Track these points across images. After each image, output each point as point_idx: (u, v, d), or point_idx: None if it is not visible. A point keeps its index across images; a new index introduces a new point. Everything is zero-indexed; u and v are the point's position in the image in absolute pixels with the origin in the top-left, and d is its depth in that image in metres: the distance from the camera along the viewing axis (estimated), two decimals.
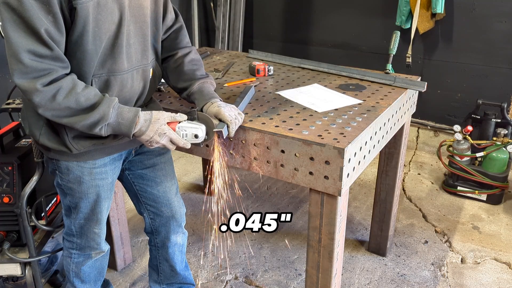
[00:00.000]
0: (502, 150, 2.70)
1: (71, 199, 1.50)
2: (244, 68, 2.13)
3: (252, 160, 1.47)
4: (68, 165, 1.42)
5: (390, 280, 2.14)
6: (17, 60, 1.13)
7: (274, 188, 2.97)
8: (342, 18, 3.58)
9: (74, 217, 1.55)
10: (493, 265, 2.24)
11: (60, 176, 1.46)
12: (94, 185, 1.47)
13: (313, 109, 1.59)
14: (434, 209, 2.72)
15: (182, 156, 3.38)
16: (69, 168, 1.43)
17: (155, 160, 1.62)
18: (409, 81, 1.85)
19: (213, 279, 2.16)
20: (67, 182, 1.46)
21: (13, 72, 1.15)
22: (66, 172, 1.44)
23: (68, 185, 1.46)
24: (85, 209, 1.52)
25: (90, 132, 1.27)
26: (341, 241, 1.52)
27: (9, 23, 1.11)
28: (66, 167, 1.43)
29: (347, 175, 1.34)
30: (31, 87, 1.15)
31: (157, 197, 1.67)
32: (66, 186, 1.47)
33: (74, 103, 1.21)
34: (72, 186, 1.46)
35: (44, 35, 1.13)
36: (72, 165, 1.42)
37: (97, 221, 1.57)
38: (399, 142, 2.01)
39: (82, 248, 1.63)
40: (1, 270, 1.74)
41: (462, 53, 3.16)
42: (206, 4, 4.19)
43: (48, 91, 1.17)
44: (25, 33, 1.12)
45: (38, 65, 1.15)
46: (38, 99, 1.17)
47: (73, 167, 1.42)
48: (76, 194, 1.48)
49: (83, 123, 1.24)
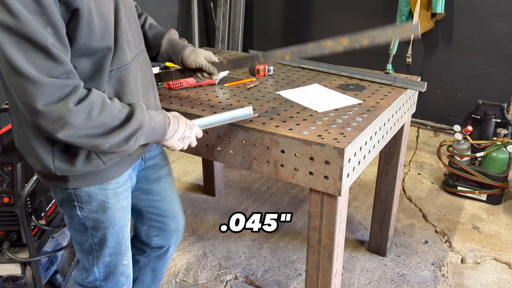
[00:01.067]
0: (502, 150, 2.70)
1: (94, 233, 1.29)
2: (244, 68, 2.13)
3: (252, 160, 1.47)
4: (89, 191, 1.23)
5: (390, 280, 2.14)
6: (33, 84, 0.92)
7: (274, 188, 2.97)
8: (342, 18, 3.58)
9: (98, 256, 1.34)
10: (493, 265, 2.24)
11: (80, 207, 1.25)
12: (120, 207, 1.30)
13: (313, 109, 1.59)
14: (434, 209, 2.72)
15: (182, 156, 3.38)
16: (91, 195, 1.23)
17: (160, 174, 1.53)
18: (409, 81, 1.85)
19: (213, 279, 2.16)
20: (89, 212, 1.26)
21: (34, 102, 0.94)
22: (88, 200, 1.24)
23: (90, 216, 1.26)
24: (112, 241, 1.32)
25: (121, 148, 1.11)
26: (341, 241, 1.52)
27: (9, 45, 0.90)
28: (87, 194, 1.23)
29: (347, 175, 1.34)
30: (63, 109, 0.96)
31: (164, 211, 1.58)
32: (87, 218, 1.27)
33: (109, 117, 1.05)
34: (95, 216, 1.27)
35: (52, 48, 0.94)
36: (95, 190, 1.23)
37: (126, 251, 1.38)
38: (399, 142, 2.01)
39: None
40: (1, 270, 1.74)
41: (462, 53, 3.16)
42: (206, 4, 4.19)
43: (82, 109, 0.99)
44: (31, 50, 0.92)
45: (60, 82, 0.96)
46: (73, 120, 0.99)
47: (96, 192, 1.24)
48: (100, 225, 1.28)
49: (118, 138, 1.07)
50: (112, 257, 1.35)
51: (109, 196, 1.26)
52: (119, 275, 1.40)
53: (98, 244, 1.32)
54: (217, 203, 2.81)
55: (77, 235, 1.33)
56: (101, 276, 1.38)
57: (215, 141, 1.53)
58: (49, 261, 2.06)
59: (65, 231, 2.18)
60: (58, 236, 2.13)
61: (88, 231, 1.30)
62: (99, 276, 1.38)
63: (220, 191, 2.92)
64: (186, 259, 2.30)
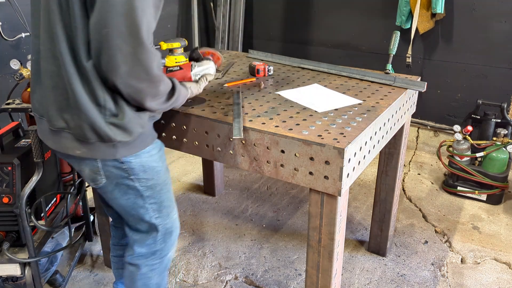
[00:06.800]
0: (502, 150, 2.70)
1: (152, 200, 1.43)
2: (244, 68, 2.13)
3: (252, 160, 1.47)
4: (141, 161, 1.36)
5: (390, 280, 2.14)
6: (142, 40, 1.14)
7: (274, 188, 2.97)
8: (342, 18, 3.58)
9: (159, 222, 1.49)
10: (493, 265, 2.23)
11: (137, 179, 1.37)
12: (166, 168, 1.46)
13: (313, 109, 1.59)
14: (434, 209, 2.72)
15: (182, 156, 3.38)
16: (143, 164, 1.37)
17: None
18: (409, 81, 1.85)
19: (213, 279, 2.16)
20: (146, 181, 1.39)
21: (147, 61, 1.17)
22: (142, 169, 1.37)
23: (148, 184, 1.40)
24: (167, 199, 1.49)
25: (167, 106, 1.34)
26: (341, 241, 1.52)
27: None
28: (140, 165, 1.36)
29: (347, 175, 1.34)
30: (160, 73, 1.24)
31: None
32: (146, 188, 1.40)
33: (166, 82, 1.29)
34: (152, 182, 1.40)
35: None
36: (145, 158, 1.36)
37: (175, 204, 1.55)
38: (399, 142, 2.01)
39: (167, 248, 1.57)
40: (0, 270, 1.74)
41: (462, 53, 3.16)
42: (206, 4, 4.19)
43: None
44: None
45: None
46: (161, 86, 1.26)
47: (147, 160, 1.37)
48: (156, 189, 1.43)
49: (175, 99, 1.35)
50: (168, 217, 1.50)
51: (157, 160, 1.40)
52: (175, 230, 1.55)
53: (157, 210, 1.46)
54: (217, 203, 2.81)
55: (135, 210, 1.44)
56: (160, 239, 1.52)
57: (215, 141, 1.53)
58: (49, 261, 2.06)
59: (65, 231, 2.18)
60: (58, 236, 2.14)
61: (146, 201, 1.42)
62: (159, 239, 1.52)
63: (220, 191, 2.92)
64: (186, 259, 2.30)
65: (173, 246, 1.60)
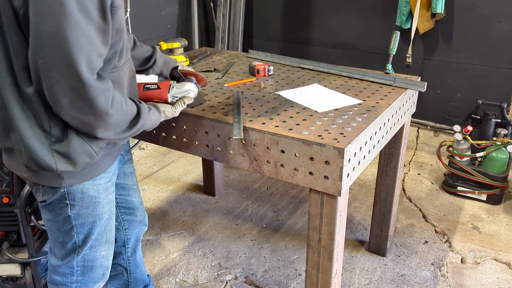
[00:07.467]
0: (502, 150, 2.70)
1: (80, 229, 1.31)
2: (244, 68, 2.13)
3: (252, 160, 1.47)
4: (82, 188, 1.25)
5: (390, 280, 2.14)
6: None
7: (274, 188, 2.97)
8: (342, 18, 3.58)
9: (79, 252, 1.35)
10: (493, 265, 2.23)
11: (72, 205, 1.26)
12: (108, 201, 1.34)
13: (313, 109, 1.59)
14: (434, 209, 2.72)
15: (182, 156, 3.38)
16: (84, 191, 1.26)
17: (132, 167, 1.61)
18: (409, 81, 1.85)
19: (213, 279, 2.16)
20: (79, 209, 1.28)
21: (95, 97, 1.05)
22: (81, 197, 1.26)
23: (80, 212, 1.28)
24: (97, 233, 1.35)
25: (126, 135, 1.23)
26: (341, 241, 1.52)
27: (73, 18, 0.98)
28: (80, 191, 1.25)
29: (347, 175, 1.34)
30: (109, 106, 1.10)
31: (135, 204, 1.65)
32: (77, 216, 1.29)
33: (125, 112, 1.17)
34: (86, 211, 1.29)
35: None
36: (88, 185, 1.26)
37: (106, 241, 1.40)
38: (399, 142, 2.01)
39: (85, 285, 1.42)
40: (0, 270, 1.74)
41: (462, 53, 3.16)
42: (206, 4, 4.19)
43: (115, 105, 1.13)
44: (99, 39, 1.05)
45: None
46: (112, 119, 1.12)
47: (89, 188, 1.27)
48: (89, 220, 1.31)
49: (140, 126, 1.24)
50: (92, 249, 1.37)
51: (100, 190, 1.30)
52: (97, 268, 1.42)
53: (82, 240, 1.34)
54: (217, 203, 2.81)
55: (59, 234, 1.33)
56: (78, 270, 1.38)
57: (215, 141, 1.53)
58: None
59: None
60: None
61: (74, 230, 1.31)
62: (77, 271, 1.38)
63: (220, 191, 2.92)
64: (186, 259, 2.30)
65: None
